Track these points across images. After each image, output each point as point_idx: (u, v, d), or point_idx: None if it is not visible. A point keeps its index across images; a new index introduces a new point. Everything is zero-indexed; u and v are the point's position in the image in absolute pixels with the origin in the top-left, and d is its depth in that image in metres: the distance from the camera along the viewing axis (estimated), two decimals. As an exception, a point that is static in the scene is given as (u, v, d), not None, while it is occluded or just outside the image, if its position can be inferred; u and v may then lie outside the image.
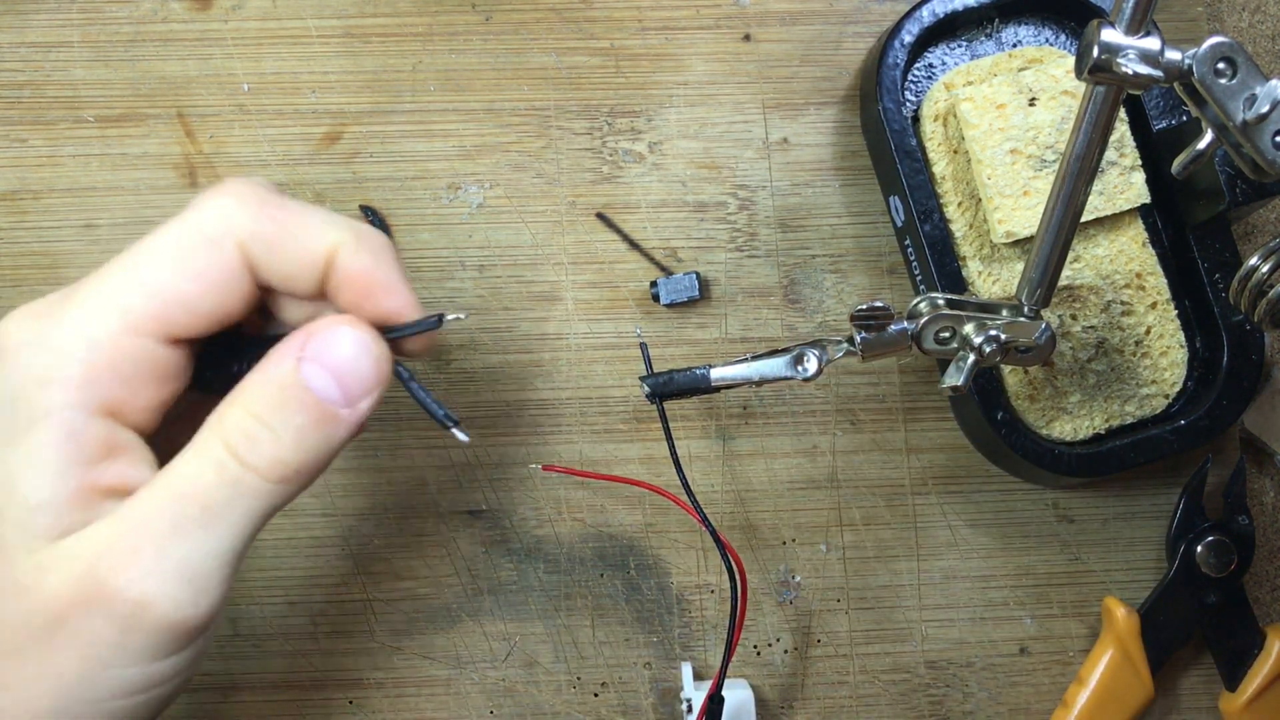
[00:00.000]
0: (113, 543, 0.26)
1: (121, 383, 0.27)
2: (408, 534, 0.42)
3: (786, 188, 0.43)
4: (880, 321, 0.36)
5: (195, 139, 0.42)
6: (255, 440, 0.27)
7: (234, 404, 0.28)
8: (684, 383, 0.37)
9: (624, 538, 0.42)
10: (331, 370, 0.28)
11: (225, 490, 0.27)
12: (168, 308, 0.28)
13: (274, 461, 0.27)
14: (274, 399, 0.27)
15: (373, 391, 0.29)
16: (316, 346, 0.28)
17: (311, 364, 0.28)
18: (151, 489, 0.27)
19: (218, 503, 0.27)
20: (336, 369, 0.28)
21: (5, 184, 0.42)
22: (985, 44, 0.42)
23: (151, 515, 0.27)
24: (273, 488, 0.28)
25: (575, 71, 0.43)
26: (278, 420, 0.27)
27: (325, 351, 0.28)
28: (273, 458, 0.27)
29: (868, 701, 0.43)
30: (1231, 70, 0.30)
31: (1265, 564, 0.44)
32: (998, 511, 0.43)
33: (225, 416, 0.28)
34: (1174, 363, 0.41)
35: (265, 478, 0.27)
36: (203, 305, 0.28)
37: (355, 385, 0.28)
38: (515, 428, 0.43)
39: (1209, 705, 0.43)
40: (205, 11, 0.43)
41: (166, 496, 0.27)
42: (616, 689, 0.42)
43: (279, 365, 0.28)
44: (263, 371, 0.28)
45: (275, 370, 0.28)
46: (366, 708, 0.42)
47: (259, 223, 0.28)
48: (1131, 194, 0.40)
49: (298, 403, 0.28)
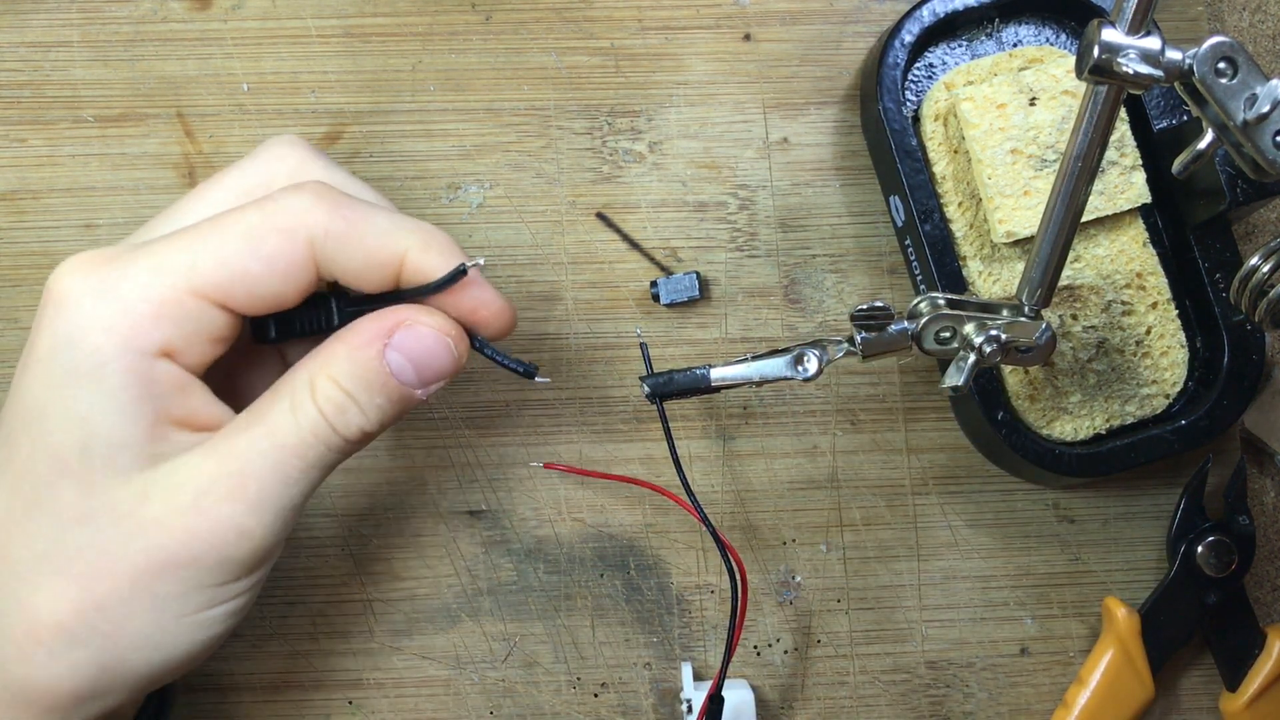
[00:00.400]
0: (218, 478, 0.29)
1: (180, 335, 0.30)
2: (408, 534, 0.42)
3: (786, 187, 0.43)
4: (880, 321, 0.36)
5: (195, 139, 0.42)
6: (345, 411, 0.31)
7: (324, 375, 0.31)
8: (684, 383, 0.37)
9: (624, 538, 0.42)
10: (412, 360, 0.31)
11: (318, 448, 0.31)
12: (232, 281, 0.30)
13: (358, 430, 0.31)
14: (361, 379, 0.31)
15: (445, 377, 0.32)
16: (402, 338, 0.31)
17: (395, 352, 0.31)
18: (250, 434, 0.30)
19: (311, 457, 0.30)
20: (417, 359, 0.31)
21: (5, 184, 0.42)
22: (985, 44, 0.42)
23: (255, 459, 0.30)
24: (351, 448, 0.32)
25: (575, 71, 0.43)
26: (364, 398, 0.31)
27: (409, 343, 0.31)
28: (358, 428, 0.31)
29: (868, 702, 0.43)
30: (1232, 70, 0.30)
31: (1266, 564, 0.44)
32: (998, 512, 0.43)
33: (319, 385, 0.31)
34: (1174, 363, 0.41)
35: (348, 441, 0.31)
36: (264, 288, 0.30)
37: (430, 374, 0.32)
38: (515, 428, 0.43)
39: (1209, 705, 0.43)
40: (205, 11, 0.43)
41: (268, 444, 0.30)
42: (616, 689, 0.42)
43: (367, 348, 0.31)
44: (351, 347, 0.31)
45: (363, 353, 0.31)
46: (366, 708, 0.42)
47: (332, 223, 0.30)
48: (1132, 194, 0.40)
49: (381, 385, 0.31)
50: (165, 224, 0.32)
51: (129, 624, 0.30)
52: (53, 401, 0.29)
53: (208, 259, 0.29)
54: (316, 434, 0.30)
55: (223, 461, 0.30)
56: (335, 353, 0.31)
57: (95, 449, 0.29)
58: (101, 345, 0.29)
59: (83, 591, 0.29)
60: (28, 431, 0.29)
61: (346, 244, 0.31)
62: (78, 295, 0.29)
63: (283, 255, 0.30)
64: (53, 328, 0.29)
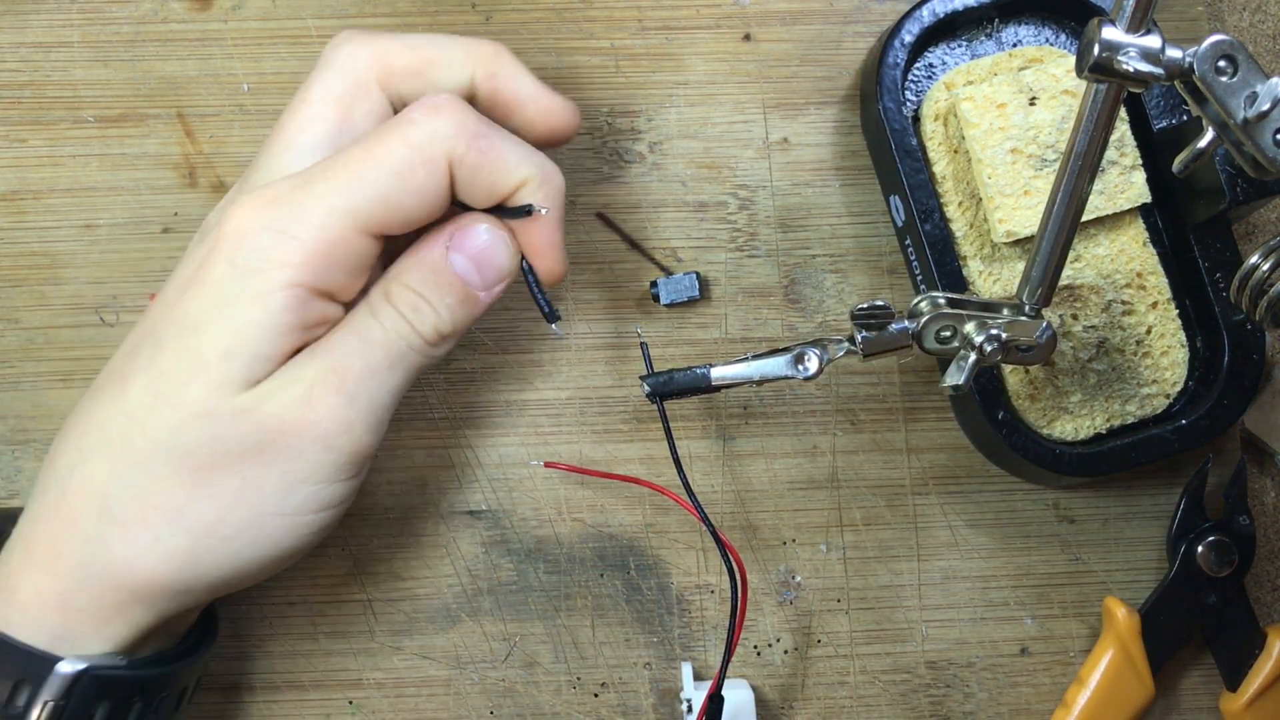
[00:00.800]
0: (322, 372, 0.32)
1: (340, 272, 0.32)
2: (408, 534, 0.42)
3: (786, 187, 0.43)
4: (881, 320, 0.36)
5: (195, 139, 0.42)
6: (420, 311, 0.34)
7: (398, 280, 0.34)
8: (684, 382, 0.37)
9: (624, 538, 0.42)
10: (473, 259, 0.34)
11: (401, 345, 0.33)
12: (389, 214, 0.32)
13: (433, 329, 0.34)
14: (429, 280, 0.34)
15: (504, 279, 0.35)
16: (460, 238, 0.34)
17: (457, 253, 0.34)
18: (343, 339, 0.33)
19: (396, 355, 0.33)
20: (476, 257, 0.34)
21: (5, 184, 0.42)
22: (985, 43, 0.42)
23: (347, 353, 0.33)
24: (430, 349, 0.34)
25: (575, 71, 0.43)
26: (434, 298, 0.34)
27: (467, 242, 0.34)
28: (433, 326, 0.34)
29: (868, 702, 0.43)
30: (1232, 68, 0.30)
31: (1266, 564, 0.44)
32: (998, 512, 0.43)
33: (392, 291, 0.34)
34: (1175, 362, 0.41)
35: (427, 341, 0.34)
36: (413, 215, 0.33)
37: (491, 273, 0.35)
38: (515, 428, 0.43)
39: (1210, 706, 0.43)
40: (205, 11, 0.43)
41: (358, 346, 0.33)
42: (616, 689, 0.42)
43: (430, 250, 0.34)
44: (418, 255, 0.34)
45: (428, 255, 0.34)
46: (366, 708, 0.42)
47: (469, 153, 0.33)
48: (1132, 193, 0.40)
49: (448, 284, 0.34)
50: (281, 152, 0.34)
51: (230, 515, 0.32)
52: (214, 318, 0.32)
53: (367, 197, 0.32)
54: (398, 331, 0.33)
55: (322, 359, 0.33)
56: (406, 261, 0.34)
57: (238, 355, 0.31)
58: (275, 277, 0.31)
59: (196, 481, 0.32)
60: (181, 339, 0.32)
61: (478, 174, 0.33)
62: (257, 231, 0.32)
63: (430, 186, 0.32)
64: (231, 257, 0.32)
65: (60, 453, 0.33)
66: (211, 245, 0.32)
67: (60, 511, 0.32)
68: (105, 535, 0.32)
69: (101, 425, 0.32)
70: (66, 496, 0.32)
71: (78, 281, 0.42)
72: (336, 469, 0.33)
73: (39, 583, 0.32)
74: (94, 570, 0.32)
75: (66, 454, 0.33)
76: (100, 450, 0.32)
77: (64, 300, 0.42)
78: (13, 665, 0.31)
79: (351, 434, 0.33)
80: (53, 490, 0.33)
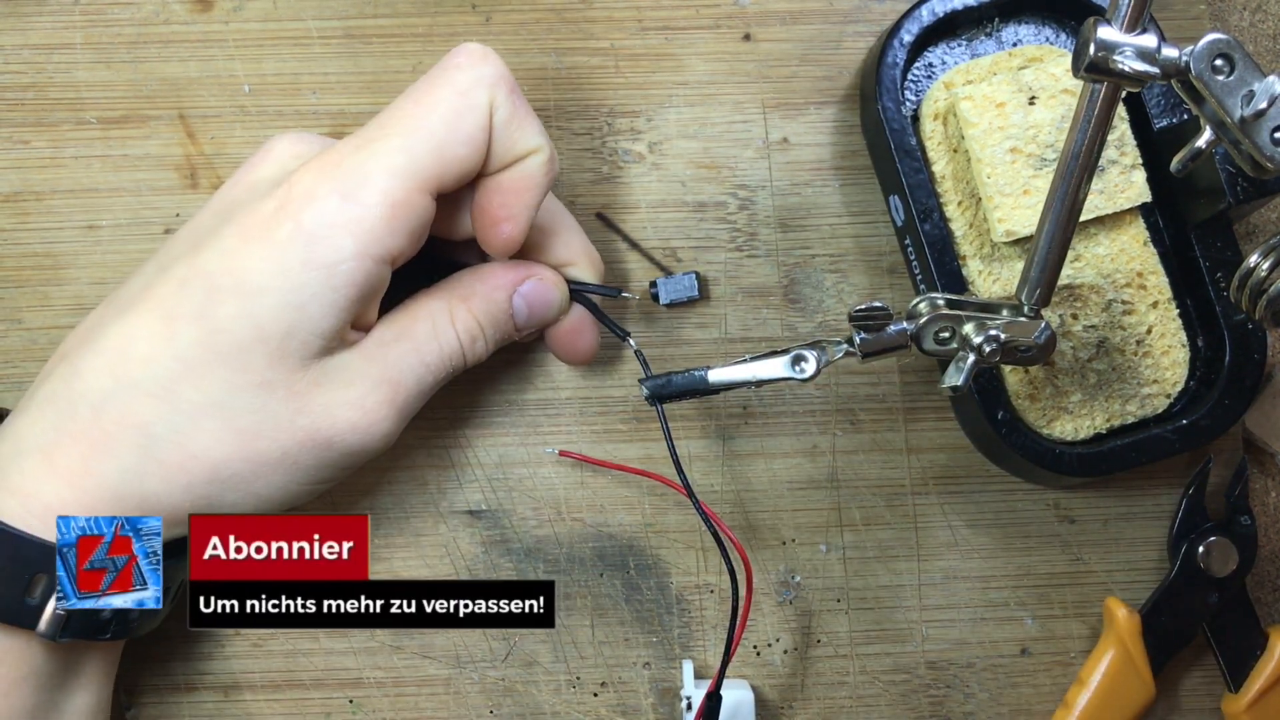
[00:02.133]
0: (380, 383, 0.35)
1: (403, 236, 0.33)
2: (408, 534, 0.42)
3: (786, 187, 0.43)
4: (878, 321, 0.36)
5: (197, 140, 0.43)
6: (475, 340, 0.37)
7: (464, 307, 0.36)
8: (683, 384, 0.37)
9: (623, 538, 0.42)
10: (530, 306, 0.37)
11: (448, 367, 0.36)
12: (446, 167, 0.33)
13: (477, 357, 0.37)
14: (491, 315, 0.37)
15: (547, 324, 0.39)
16: (531, 287, 0.37)
17: (522, 300, 0.37)
18: (400, 347, 0.35)
19: (441, 373, 0.36)
20: (534, 306, 0.38)
21: (8, 185, 0.42)
22: (985, 43, 0.42)
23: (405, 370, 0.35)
24: (462, 371, 0.37)
25: (575, 71, 0.43)
26: (491, 332, 0.37)
27: (536, 293, 0.37)
28: (480, 354, 0.37)
29: (868, 702, 0.43)
30: (1229, 67, 0.30)
31: (1267, 564, 0.44)
32: (998, 512, 0.43)
33: (458, 315, 0.36)
34: (1175, 362, 0.41)
35: (468, 364, 0.37)
36: (467, 166, 0.34)
37: (538, 319, 0.38)
38: (515, 427, 0.43)
39: (1211, 706, 0.43)
40: (206, 13, 0.43)
41: (416, 360, 0.35)
42: (616, 689, 0.42)
43: (501, 291, 0.37)
44: (489, 287, 0.37)
45: (498, 294, 0.37)
46: (367, 707, 0.42)
47: (505, 104, 0.34)
48: (1132, 193, 0.39)
49: (505, 323, 0.37)
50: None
51: (261, 479, 0.34)
52: (277, 285, 0.32)
53: (424, 152, 0.33)
54: (452, 355, 0.36)
55: (383, 369, 0.35)
56: (474, 290, 0.37)
57: (299, 333, 0.33)
58: (343, 245, 0.32)
59: (241, 444, 0.33)
60: (240, 299, 0.32)
61: (506, 129, 0.34)
62: (325, 194, 0.32)
63: (478, 133, 0.33)
64: (297, 219, 0.32)
65: (89, 371, 0.33)
66: (280, 203, 0.33)
67: (93, 435, 0.33)
68: (145, 470, 0.33)
69: (145, 361, 0.33)
70: (102, 422, 0.33)
71: (80, 282, 0.42)
72: (362, 459, 0.36)
73: (63, 495, 0.33)
74: (126, 499, 0.33)
75: (98, 375, 0.33)
76: (144, 388, 0.33)
77: (66, 301, 0.42)
78: (30, 558, 0.32)
79: (387, 442, 0.36)
80: (82, 410, 0.33)
